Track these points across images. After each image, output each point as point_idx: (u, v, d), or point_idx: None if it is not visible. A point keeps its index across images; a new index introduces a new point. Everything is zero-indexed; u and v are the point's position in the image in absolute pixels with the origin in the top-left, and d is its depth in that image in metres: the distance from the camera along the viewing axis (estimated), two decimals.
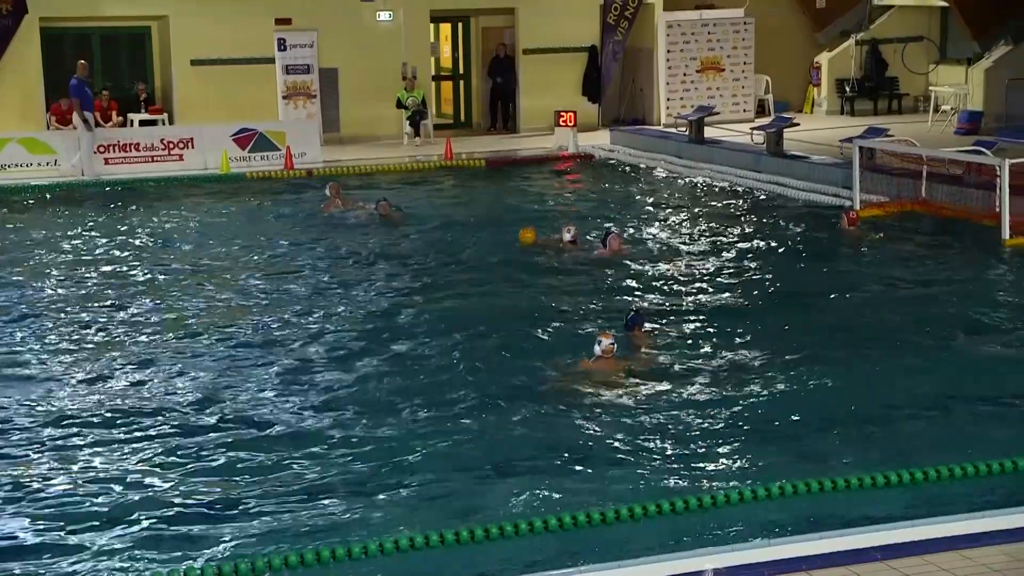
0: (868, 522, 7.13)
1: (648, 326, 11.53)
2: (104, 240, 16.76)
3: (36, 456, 8.86)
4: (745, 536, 7.17)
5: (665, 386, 10.04)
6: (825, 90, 28.09)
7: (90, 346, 11.63)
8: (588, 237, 15.71)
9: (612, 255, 14.58)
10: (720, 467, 8.37)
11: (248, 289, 13.86)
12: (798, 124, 22.77)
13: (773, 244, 15.60)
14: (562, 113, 24.61)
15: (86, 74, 22.07)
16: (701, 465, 8.43)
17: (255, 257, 15.64)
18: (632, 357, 10.65)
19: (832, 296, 12.99)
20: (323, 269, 14.79)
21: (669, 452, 8.67)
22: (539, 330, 11.74)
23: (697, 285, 13.52)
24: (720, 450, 8.68)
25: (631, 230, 16.53)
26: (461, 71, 28.15)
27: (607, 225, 16.26)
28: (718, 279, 13.79)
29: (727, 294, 13.08)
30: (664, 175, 21.55)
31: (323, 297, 13.38)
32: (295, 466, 8.56)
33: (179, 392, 10.23)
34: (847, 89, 27.70)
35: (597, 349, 10.36)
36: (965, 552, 6.68)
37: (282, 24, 24.88)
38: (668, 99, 26.97)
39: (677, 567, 6.59)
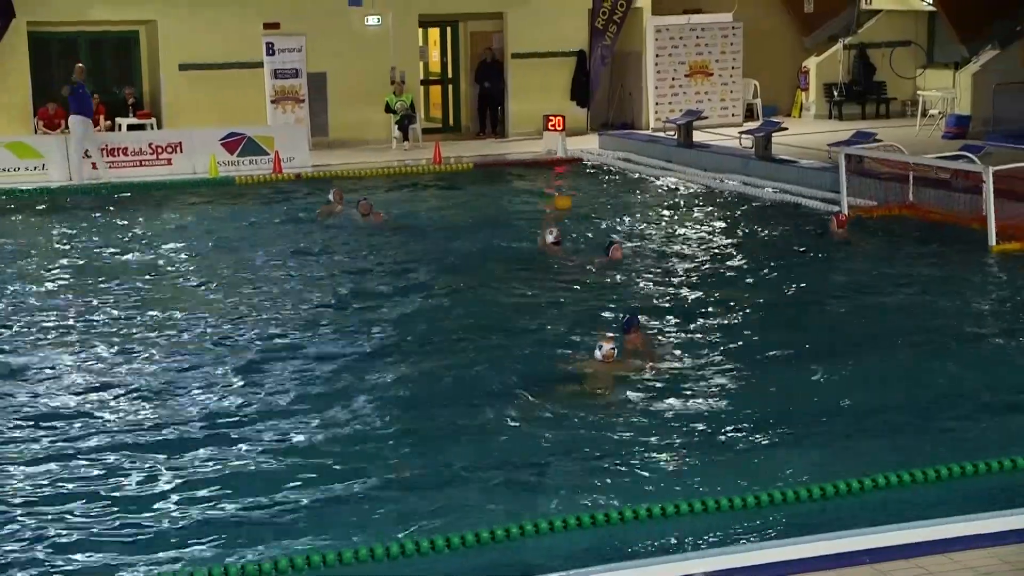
0: (856, 525, 7.14)
1: (643, 328, 11.57)
2: (92, 245, 16.73)
3: (31, 460, 8.82)
4: (734, 539, 7.17)
5: (664, 390, 10.04)
6: (813, 94, 28.18)
7: (81, 348, 11.59)
8: (569, 240, 15.76)
9: (613, 264, 14.59)
10: (711, 471, 8.37)
11: (239, 292, 13.82)
12: (786, 128, 22.84)
13: (763, 248, 15.62)
14: (551, 117, 24.64)
15: (83, 77, 21.97)
16: (692, 469, 8.43)
17: (245, 261, 15.61)
18: (632, 361, 10.66)
19: (822, 299, 13.01)
20: (316, 273, 14.76)
21: (663, 457, 8.66)
22: (537, 334, 11.75)
23: (688, 289, 13.53)
24: (712, 454, 8.68)
25: (620, 233, 16.53)
26: (450, 75, 28.17)
27: (611, 235, 16.22)
28: (709, 283, 13.81)
29: (718, 298, 13.08)
30: (652, 179, 21.57)
31: (317, 301, 13.35)
32: (289, 470, 8.53)
33: (171, 395, 10.20)
34: (835, 93, 27.79)
35: (598, 353, 10.38)
36: (953, 555, 6.70)
37: (270, 28, 24.87)
38: (656, 103, 27.02)
39: (667, 571, 6.60)
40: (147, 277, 14.69)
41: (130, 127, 23.75)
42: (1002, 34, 24.51)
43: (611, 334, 10.74)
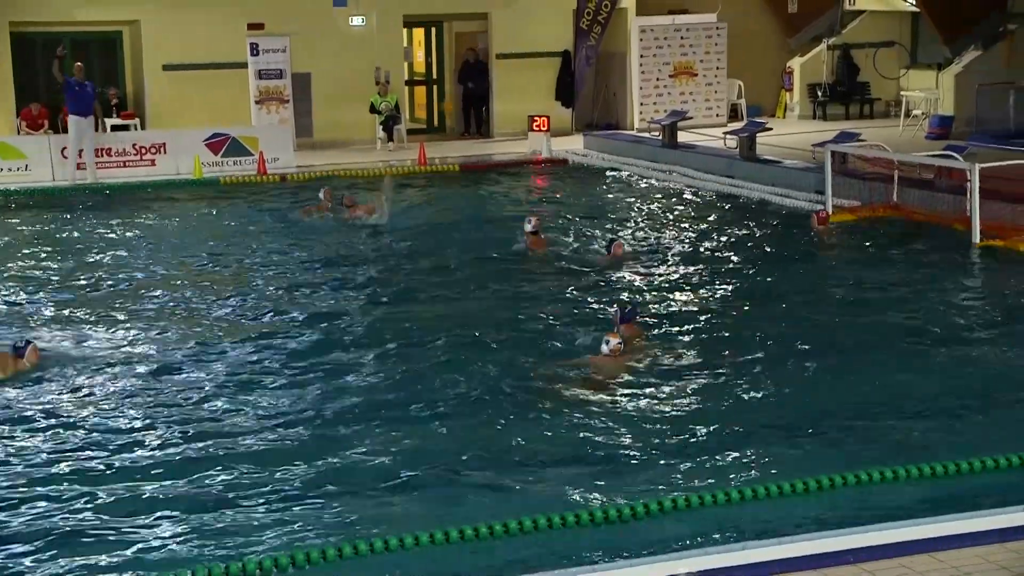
0: (841, 524, 7.15)
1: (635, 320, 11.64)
2: (77, 246, 16.67)
3: (25, 461, 8.79)
4: (718, 538, 7.18)
5: (668, 385, 10.09)
6: (797, 95, 28.26)
7: (71, 349, 11.53)
8: (559, 239, 15.77)
9: (615, 261, 14.60)
10: (699, 468, 8.37)
11: (226, 293, 13.77)
12: (771, 129, 22.87)
13: (747, 248, 15.64)
14: (535, 118, 24.65)
15: (82, 76, 21.87)
16: (680, 467, 8.42)
17: (231, 261, 15.57)
18: (637, 356, 10.68)
19: (809, 299, 13.04)
20: (304, 273, 14.72)
21: (654, 454, 8.66)
22: (539, 331, 11.73)
23: (674, 289, 13.54)
24: (700, 452, 8.67)
25: (608, 234, 16.56)
26: (435, 76, 28.15)
27: (611, 234, 16.21)
28: (694, 283, 13.81)
29: (705, 298, 13.10)
30: (637, 180, 21.60)
31: (307, 301, 13.28)
32: (284, 468, 8.49)
33: (163, 396, 10.15)
34: (819, 94, 27.85)
35: (605, 348, 10.43)
36: (938, 555, 6.71)
37: (254, 29, 24.82)
38: (641, 104, 27.05)
39: (651, 571, 6.60)
40: (135, 278, 14.64)
41: (114, 127, 23.68)
42: (985, 35, 24.60)
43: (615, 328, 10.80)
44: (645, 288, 13.57)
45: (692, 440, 8.92)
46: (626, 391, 9.96)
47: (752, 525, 7.40)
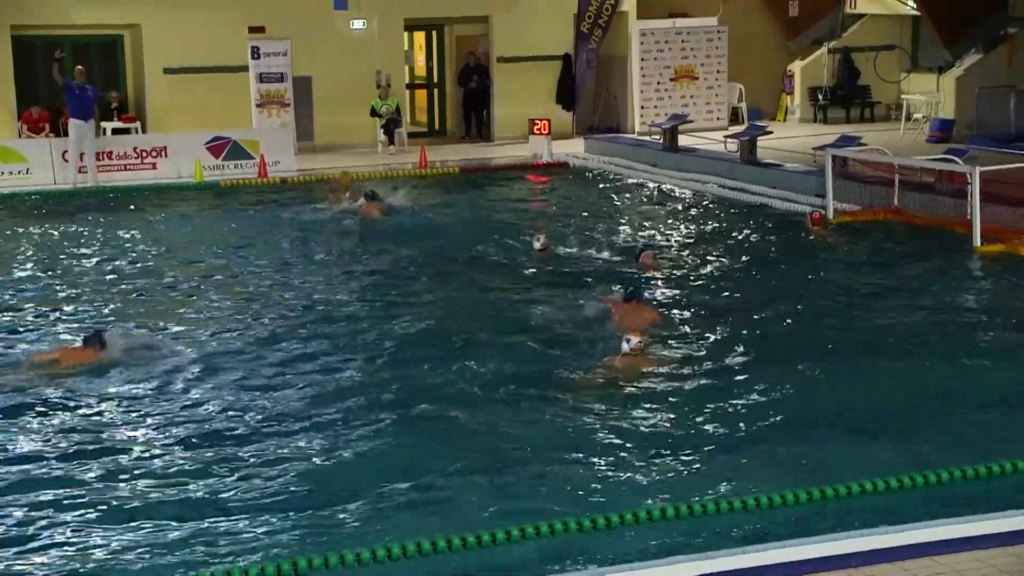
0: (842, 528, 7.15)
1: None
2: (78, 249, 16.68)
3: (25, 461, 8.81)
4: (719, 543, 7.18)
5: (682, 388, 10.11)
6: (798, 98, 28.28)
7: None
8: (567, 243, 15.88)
9: (644, 270, 14.60)
10: (705, 473, 8.38)
11: (227, 297, 13.79)
12: (771, 132, 22.86)
13: (749, 251, 15.64)
14: (536, 121, 24.67)
15: (83, 79, 21.88)
16: (692, 470, 8.45)
17: (232, 265, 15.59)
18: (654, 359, 10.69)
19: (811, 303, 13.01)
20: (307, 276, 14.72)
21: (660, 460, 8.66)
22: (550, 334, 11.72)
23: (678, 290, 13.54)
24: (704, 456, 8.68)
25: (608, 236, 16.59)
26: (435, 79, 28.17)
27: (641, 242, 16.23)
28: (696, 286, 13.82)
29: (708, 300, 13.10)
30: (638, 183, 21.61)
31: (311, 303, 13.29)
32: (286, 470, 8.50)
33: (163, 399, 10.16)
34: (820, 97, 27.87)
35: (625, 346, 10.43)
36: (939, 558, 6.72)
37: (255, 32, 24.85)
38: (642, 107, 27.07)
39: (655, 575, 6.60)
40: (134, 280, 14.66)
41: (115, 131, 23.70)
42: (985, 38, 24.62)
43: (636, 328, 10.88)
44: (653, 289, 13.59)
45: (698, 444, 8.91)
46: (644, 394, 9.94)
47: (749, 529, 7.41)
